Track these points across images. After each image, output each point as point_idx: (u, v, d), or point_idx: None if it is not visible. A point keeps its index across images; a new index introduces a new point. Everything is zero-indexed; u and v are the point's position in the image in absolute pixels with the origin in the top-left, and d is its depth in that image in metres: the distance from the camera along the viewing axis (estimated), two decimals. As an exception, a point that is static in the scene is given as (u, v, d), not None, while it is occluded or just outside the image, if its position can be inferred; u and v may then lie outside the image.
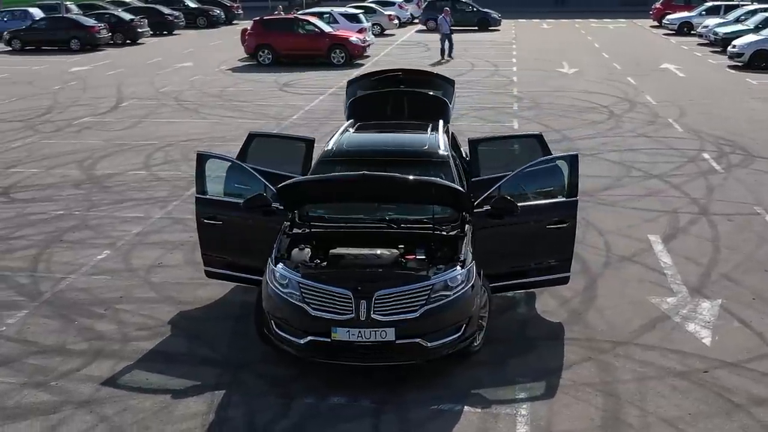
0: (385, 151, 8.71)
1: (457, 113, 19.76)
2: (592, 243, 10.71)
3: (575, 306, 8.82)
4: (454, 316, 7.06)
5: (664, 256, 10.23)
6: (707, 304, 8.80)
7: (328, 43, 29.57)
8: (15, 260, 10.39)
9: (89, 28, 35.97)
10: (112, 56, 34.00)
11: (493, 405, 6.87)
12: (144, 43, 39.43)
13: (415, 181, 7.38)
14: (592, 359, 7.65)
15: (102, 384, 7.28)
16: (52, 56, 34.18)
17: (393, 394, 7.02)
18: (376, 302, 6.86)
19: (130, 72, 28.64)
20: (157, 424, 6.62)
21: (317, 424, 6.63)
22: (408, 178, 7.36)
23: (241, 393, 7.10)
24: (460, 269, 7.15)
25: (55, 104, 22.39)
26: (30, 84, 26.14)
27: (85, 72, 29.07)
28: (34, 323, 8.54)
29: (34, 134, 18.36)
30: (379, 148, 8.78)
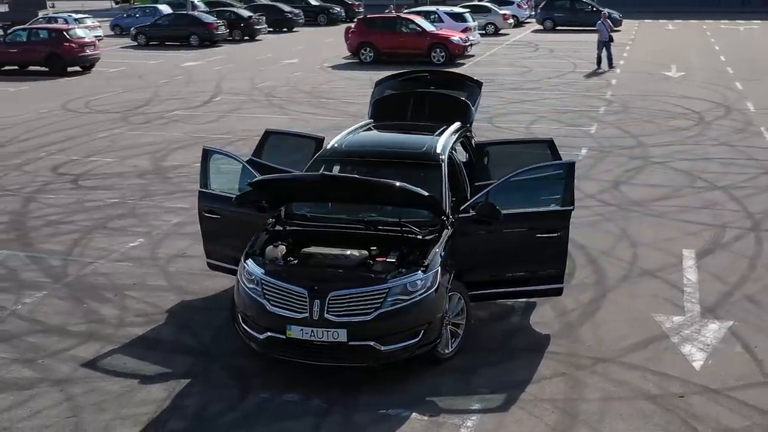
0: (379, 152, 8.68)
1: (537, 115, 19.54)
2: (619, 255, 10.29)
3: (572, 318, 8.52)
4: (411, 321, 6.99)
5: (691, 272, 9.70)
6: (715, 325, 8.29)
7: (429, 42, 29.59)
8: (56, 244, 11.04)
9: (208, 25, 37.48)
10: (226, 52, 35.32)
11: (442, 414, 6.75)
12: (261, 39, 40.71)
13: (377, 183, 7.35)
14: (565, 375, 7.38)
15: (81, 365, 7.65)
16: (171, 51, 35.88)
17: (347, 396, 7.03)
18: (330, 302, 6.89)
19: (237, 68, 29.66)
20: (114, 407, 6.90)
21: (262, 419, 6.74)
22: (368, 181, 7.34)
23: (203, 383, 7.30)
24: (422, 274, 7.06)
25: (154, 97, 23.51)
26: (140, 78, 27.54)
27: (195, 67, 30.35)
28: (48, 304, 9.06)
29: (124, 125, 19.36)
30: (374, 149, 8.76)
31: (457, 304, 7.62)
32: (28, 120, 20.11)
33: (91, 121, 19.95)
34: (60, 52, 28.28)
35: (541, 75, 26.56)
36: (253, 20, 40.36)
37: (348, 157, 8.68)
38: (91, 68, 29.70)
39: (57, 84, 26.65)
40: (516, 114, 19.95)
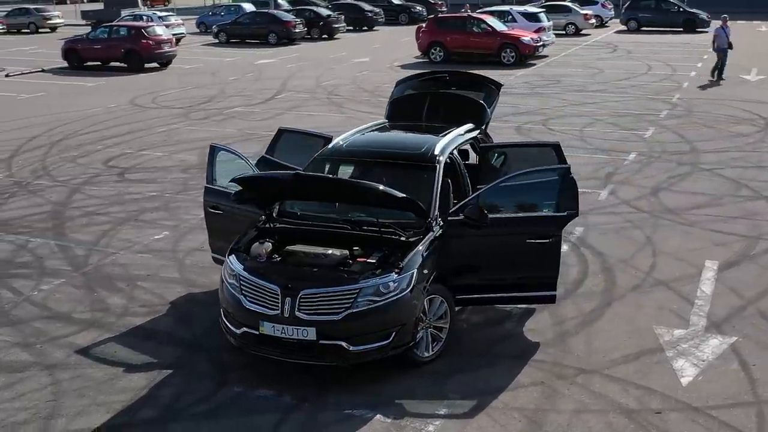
0: (375, 152, 8.67)
1: (594, 118, 19.12)
2: (636, 263, 9.99)
3: (568, 327, 8.33)
4: (382, 323, 6.98)
5: (707, 284, 9.34)
6: (716, 340, 7.97)
7: (499, 42, 29.29)
8: (86, 234, 11.46)
9: (285, 23, 38.10)
10: (301, 50, 35.83)
11: (406, 417, 6.72)
12: (339, 38, 41.10)
13: (350, 184, 7.36)
14: (543, 384, 7.23)
15: (75, 351, 7.94)
16: (249, 49, 36.63)
17: (317, 394, 7.07)
18: (301, 300, 6.95)
19: (308, 66, 30.07)
20: (94, 394, 7.15)
21: (230, 412, 6.85)
22: (341, 180, 7.35)
23: (184, 374, 7.47)
24: (395, 275, 7.03)
25: (219, 94, 24.07)
26: (212, 74, 28.23)
27: (267, 65, 30.90)
28: (62, 291, 9.43)
29: (184, 121, 19.90)
30: (371, 150, 8.75)
31: (439, 307, 7.56)
32: (96, 114, 20.89)
33: (154, 116, 20.58)
34: (138, 49, 29.26)
35: (611, 77, 25.93)
36: (332, 19, 40.79)
37: (346, 157, 8.73)
38: (167, 65, 30.60)
39: (132, 80, 27.58)
40: (572, 117, 19.55)
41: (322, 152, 8.88)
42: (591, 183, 13.55)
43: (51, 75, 29.06)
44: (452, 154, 8.78)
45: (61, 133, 18.44)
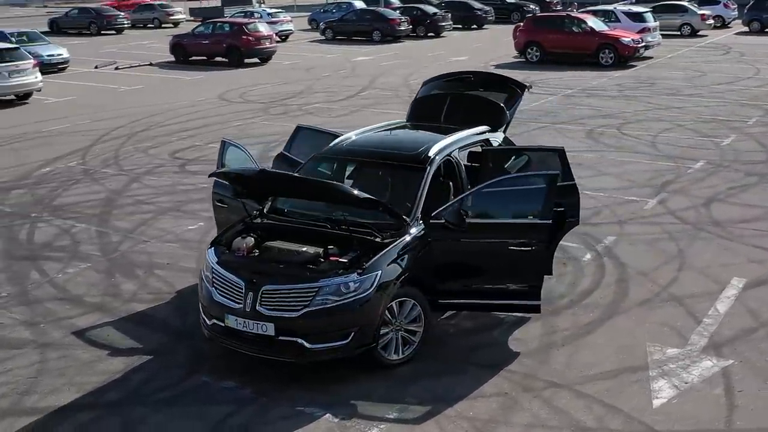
0: (369, 152, 8.67)
1: (674, 123, 18.34)
2: (657, 276, 9.56)
3: (557, 339, 8.08)
4: (340, 322, 6.99)
5: (724, 303, 8.83)
6: (709, 362, 7.53)
7: (597, 42, 28.45)
8: (127, 221, 11.99)
9: (390, 21, 38.36)
10: (402, 48, 36.00)
11: (354, 418, 6.72)
12: (445, 36, 41.01)
13: (312, 182, 7.39)
14: (506, 396, 7.05)
15: (72, 332, 8.35)
16: (352, 46, 37.11)
17: (278, 389, 7.16)
18: (262, 296, 7.06)
19: (403, 63, 30.20)
20: (73, 374, 7.50)
21: (188, 400, 7.05)
22: (303, 178, 7.39)
23: (160, 361, 7.73)
24: (356, 276, 7.03)
25: (306, 90, 24.54)
26: (307, 71, 28.80)
27: (364, 62, 31.22)
28: (84, 275, 9.92)
29: (262, 116, 20.43)
30: (366, 150, 8.74)
31: (411, 310, 7.50)
32: (182, 107, 21.74)
33: (236, 110, 21.21)
34: (238, 45, 30.20)
35: (711, 81, 24.73)
36: (438, 17, 40.72)
37: (342, 156, 8.78)
38: (267, 61, 31.43)
39: (230, 74, 28.50)
40: (652, 121, 18.80)
41: (323, 150, 8.95)
42: (643, 191, 13.04)
43: (157, 69, 30.40)
44: (452, 156, 8.66)
45: (144, 125, 19.31)
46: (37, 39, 29.78)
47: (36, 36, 29.96)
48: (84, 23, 45.30)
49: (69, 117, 20.45)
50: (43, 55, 28.36)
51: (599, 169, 14.51)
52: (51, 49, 29.20)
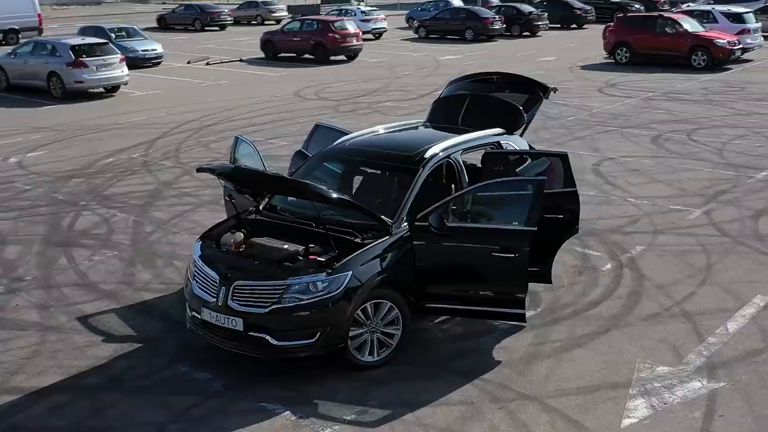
0: (367, 152, 8.68)
1: (751, 131, 17.50)
2: (673, 291, 9.15)
3: (545, 350, 7.85)
4: (307, 321, 7.01)
5: (737, 321, 8.36)
6: (698, 384, 7.16)
7: (690, 43, 27.36)
8: (165, 213, 12.38)
9: (483, 20, 38.04)
10: (492, 48, 35.66)
11: (311, 417, 6.73)
12: (541, 35, 40.35)
13: (281, 180, 7.44)
14: (472, 405, 6.90)
15: (77, 318, 8.70)
16: (443, 44, 37.06)
17: (248, 384, 7.24)
18: (234, 291, 7.16)
19: (488, 63, 29.87)
20: (63, 357, 7.82)
21: (160, 389, 7.22)
22: (274, 176, 7.42)
23: (148, 349, 7.96)
24: (324, 276, 7.03)
25: (382, 88, 24.65)
26: (389, 69, 28.93)
27: (449, 61, 31.08)
28: (107, 263, 10.30)
29: (330, 113, 20.64)
30: (365, 150, 8.74)
31: (387, 313, 7.44)
32: (257, 103, 22.23)
33: (307, 107, 21.52)
34: (324, 42, 30.62)
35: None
36: (533, 16, 40.08)
37: (342, 155, 8.80)
38: (354, 58, 31.73)
39: (313, 71, 28.93)
40: (727, 127, 17.95)
41: (326, 149, 9.00)
42: (691, 200, 12.48)
43: (245, 65, 31.18)
44: (453, 158, 8.53)
45: (214, 119, 19.86)
46: (135, 35, 31.04)
47: (134, 32, 31.23)
48: (189, 19, 46.96)
49: (148, 110, 21.26)
50: (138, 50, 29.62)
51: (653, 176, 13.97)
52: (146, 44, 30.38)
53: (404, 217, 7.69)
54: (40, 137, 18.20)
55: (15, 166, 15.48)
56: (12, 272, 10.04)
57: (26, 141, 17.79)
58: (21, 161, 15.86)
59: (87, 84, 23.07)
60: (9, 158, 16.13)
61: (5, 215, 12.34)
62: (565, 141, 16.81)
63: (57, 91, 23.13)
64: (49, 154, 16.42)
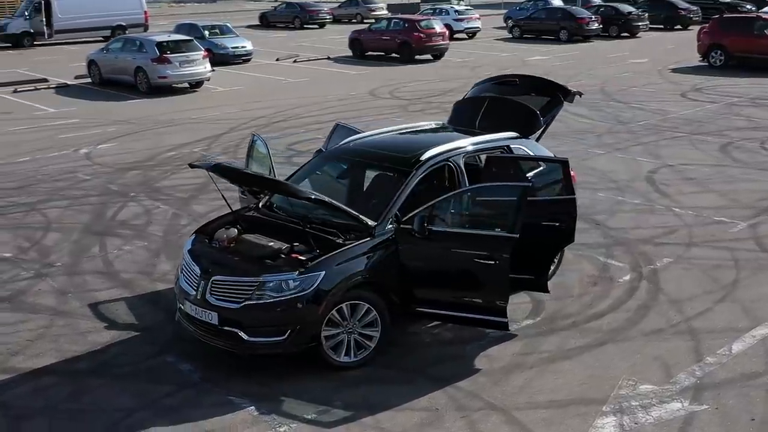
0: (365, 153, 8.70)
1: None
2: (686, 306, 8.77)
3: (529, 360, 7.67)
4: (277, 319, 7.10)
5: (743, 342, 7.94)
6: (678, 404, 6.84)
7: (790, 47, 25.96)
8: (205, 206, 12.70)
9: (578, 19, 37.20)
10: (585, 48, 34.87)
11: (273, 414, 6.81)
12: (640, 36, 39.15)
13: (256, 177, 7.51)
14: (435, 411, 6.82)
15: (89, 304, 9.07)
16: (535, 44, 36.49)
17: (225, 377, 7.38)
18: (212, 285, 7.32)
19: (575, 65, 29.35)
20: (64, 341, 8.17)
21: (140, 376, 7.45)
22: (250, 174, 7.51)
23: (142, 338, 8.22)
24: (296, 275, 7.10)
25: (459, 88, 24.35)
26: (471, 69, 28.70)
27: (537, 62, 30.55)
28: (134, 252, 10.69)
29: (398, 112, 20.72)
30: (364, 150, 8.76)
31: (365, 315, 7.44)
32: (331, 100, 22.52)
33: (378, 105, 21.66)
34: (409, 41, 30.67)
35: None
36: (633, 16, 38.88)
37: (344, 155, 8.87)
38: (440, 58, 31.64)
39: (395, 70, 29.04)
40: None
41: (331, 149, 9.08)
42: (740, 213, 11.90)
43: (332, 63, 31.59)
44: (453, 161, 8.44)
45: (283, 116, 20.25)
46: (228, 32, 31.98)
47: (227, 29, 32.17)
48: (289, 17, 47.95)
49: (223, 106, 21.88)
50: (228, 47, 30.52)
51: (707, 186, 13.38)
52: (237, 41, 31.24)
53: (390, 219, 7.66)
54: (115, 130, 19.03)
55: (83, 157, 16.24)
56: (45, 258, 10.56)
57: (102, 133, 18.63)
58: (90, 152, 16.63)
59: (170, 79, 23.92)
60: (80, 149, 16.94)
61: (58, 203, 12.98)
62: (626, 146, 16.29)
63: (143, 86, 24.09)
64: (118, 147, 17.15)
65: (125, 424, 6.69)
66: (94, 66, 26.01)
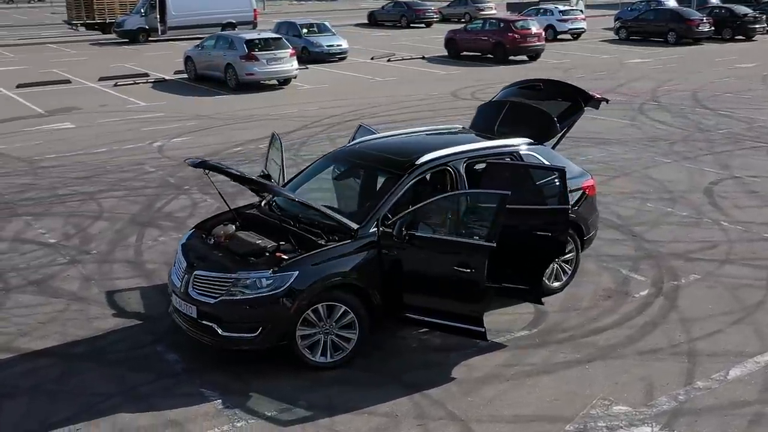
0: (367, 155, 8.70)
1: None
2: (696, 326, 8.35)
3: (508, 372, 7.50)
4: (249, 316, 7.22)
5: (743, 368, 7.49)
6: (647, 429, 6.54)
7: None
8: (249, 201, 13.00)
9: (687, 21, 35.74)
10: (692, 52, 33.47)
11: (236, 408, 6.92)
12: (756, 40, 37.24)
13: (235, 175, 7.61)
14: (395, 418, 6.78)
15: (106, 291, 9.48)
16: (640, 47, 35.32)
17: (207, 369, 7.55)
18: (193, 280, 7.53)
19: (673, 68, 28.30)
20: (71, 326, 8.57)
21: (127, 363, 7.74)
22: (229, 172, 7.60)
23: (143, 327, 8.53)
24: (268, 273, 7.20)
25: (542, 90, 23.99)
26: (564, 71, 28.06)
27: (636, 65, 29.60)
28: (167, 244, 11.06)
29: (468, 114, 20.47)
30: (364, 152, 8.77)
31: (342, 316, 7.47)
32: (412, 100, 22.52)
33: (455, 106, 21.49)
34: (504, 42, 30.30)
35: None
36: (749, 18, 36.98)
37: (347, 157, 8.92)
38: (536, 58, 31.10)
39: (486, 71, 28.74)
40: None
41: (335, 150, 9.14)
42: (793, 230, 11.20)
43: (426, 62, 31.58)
44: (452, 166, 8.34)
45: (357, 114, 20.41)
46: (325, 30, 32.52)
47: (324, 27, 32.71)
48: (396, 16, 48.24)
49: (303, 103, 22.30)
50: (323, 45, 31.03)
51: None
52: (333, 39, 31.72)
53: (375, 222, 7.66)
54: (193, 124, 19.73)
55: (155, 150, 16.93)
56: (85, 245, 11.10)
57: (181, 127, 19.35)
58: (162, 146, 17.31)
59: (257, 76, 24.57)
60: (155, 142, 17.66)
61: (115, 194, 13.60)
62: (696, 155, 15.58)
63: (231, 82, 24.85)
64: (190, 141, 17.78)
65: (97, 409, 6.97)
66: (190, 62, 27.02)
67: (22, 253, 10.87)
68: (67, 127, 19.70)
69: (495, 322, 8.44)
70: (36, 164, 15.79)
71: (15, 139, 18.42)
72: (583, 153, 15.76)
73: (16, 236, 11.56)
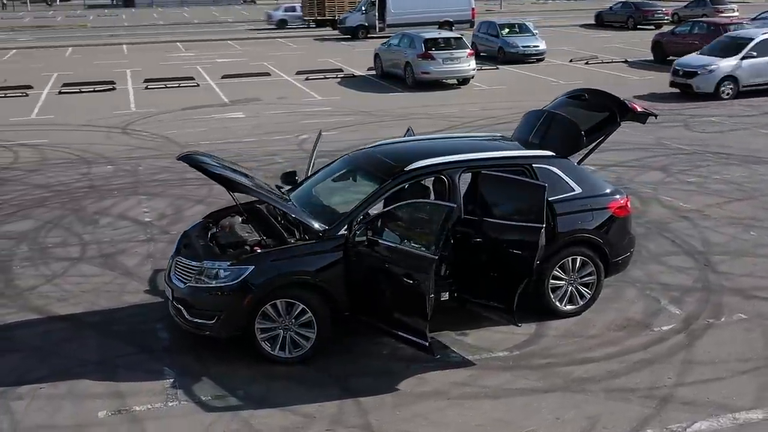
0: (369, 158, 8.74)
1: None
2: (693, 371, 7.55)
3: (456, 392, 7.25)
4: (206, 303, 7.62)
5: (715, 422, 6.69)
6: (554, 470, 6.11)
7: None
8: (339, 197, 13.40)
9: None
10: None
11: (178, 389, 7.29)
12: None
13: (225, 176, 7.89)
14: (312, 419, 6.85)
15: (153, 269, 10.28)
16: None
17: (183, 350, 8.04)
18: (175, 265, 8.06)
19: None
20: (104, 297, 9.41)
21: (122, 337, 8.41)
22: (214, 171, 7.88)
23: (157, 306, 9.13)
24: (225, 265, 7.53)
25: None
26: None
27: None
28: (231, 231, 11.73)
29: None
30: (370, 156, 8.80)
31: (300, 314, 7.63)
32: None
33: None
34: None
35: None
36: None
37: (353, 159, 9.03)
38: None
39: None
40: None
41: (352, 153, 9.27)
42: None
43: (625, 66, 30.00)
44: (446, 175, 8.16)
45: (512, 118, 19.95)
46: (525, 31, 32.04)
47: (525, 28, 32.23)
48: (623, 17, 46.23)
49: (469, 104, 22.29)
50: (519, 46, 30.65)
51: None
52: (530, 40, 31.20)
53: (346, 225, 7.73)
54: (350, 119, 20.45)
55: (296, 143, 17.78)
56: (171, 226, 11.98)
57: (338, 122, 20.08)
58: (306, 139, 18.09)
59: (432, 75, 24.87)
60: (301, 135, 18.52)
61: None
62: None
63: (409, 80, 25.36)
64: (336, 136, 18.33)
65: (68, 372, 7.68)
66: (378, 59, 27.91)
67: (116, 228, 12.03)
68: (237, 117, 21.21)
69: (483, 339, 8.20)
70: (186, 149, 17.20)
71: (187, 125, 20.17)
72: (722, 171, 14.44)
73: (122, 213, 12.78)
